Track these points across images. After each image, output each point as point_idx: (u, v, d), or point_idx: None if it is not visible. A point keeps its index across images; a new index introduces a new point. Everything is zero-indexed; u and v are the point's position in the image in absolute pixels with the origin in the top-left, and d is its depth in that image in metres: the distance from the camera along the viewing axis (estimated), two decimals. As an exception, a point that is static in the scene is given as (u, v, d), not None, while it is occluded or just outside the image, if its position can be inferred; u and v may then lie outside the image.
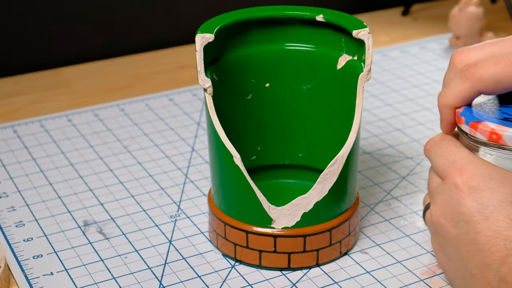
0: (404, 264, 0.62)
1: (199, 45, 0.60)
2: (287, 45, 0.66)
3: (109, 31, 1.01)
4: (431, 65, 0.98)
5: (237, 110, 0.66)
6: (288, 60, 0.66)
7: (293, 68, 0.66)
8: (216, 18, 0.63)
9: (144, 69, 0.98)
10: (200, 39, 0.60)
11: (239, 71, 0.66)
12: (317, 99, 0.66)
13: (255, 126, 0.68)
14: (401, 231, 0.66)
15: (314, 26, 0.65)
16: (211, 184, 0.64)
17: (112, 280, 0.61)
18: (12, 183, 0.74)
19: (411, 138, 0.81)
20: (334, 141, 0.66)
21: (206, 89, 0.60)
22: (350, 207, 0.63)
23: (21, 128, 0.83)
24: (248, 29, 0.65)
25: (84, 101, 0.89)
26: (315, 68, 0.66)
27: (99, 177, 0.74)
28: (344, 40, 0.63)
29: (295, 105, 0.67)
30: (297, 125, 0.68)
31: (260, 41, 0.66)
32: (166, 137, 0.82)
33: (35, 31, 0.97)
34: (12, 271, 0.62)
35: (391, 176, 0.74)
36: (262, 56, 0.66)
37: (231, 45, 0.65)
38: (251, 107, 0.67)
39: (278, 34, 0.66)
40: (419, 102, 0.88)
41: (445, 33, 1.06)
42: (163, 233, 0.66)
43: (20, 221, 0.68)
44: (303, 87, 0.66)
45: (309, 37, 0.65)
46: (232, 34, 0.64)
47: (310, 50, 0.66)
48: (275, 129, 0.68)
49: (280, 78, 0.67)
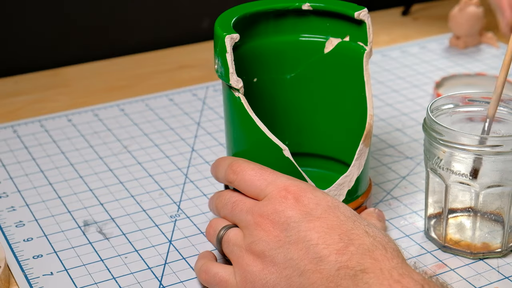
0: (404, 264, 0.62)
1: (229, 47, 0.60)
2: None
3: (109, 31, 1.01)
4: (431, 65, 0.98)
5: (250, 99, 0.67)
6: (276, 52, 0.68)
7: (278, 60, 0.68)
8: (226, 13, 0.65)
9: (144, 69, 0.98)
10: (229, 40, 0.60)
11: (251, 62, 0.67)
12: (316, 86, 0.69)
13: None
14: (401, 231, 0.66)
15: (298, 16, 0.67)
16: None
17: (112, 280, 0.61)
18: (12, 183, 0.74)
19: (411, 138, 0.81)
20: (331, 125, 0.69)
21: (238, 89, 0.61)
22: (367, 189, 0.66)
23: (21, 128, 0.83)
24: (258, 22, 0.67)
25: (84, 101, 0.89)
26: (302, 56, 0.68)
27: (99, 177, 0.74)
28: (329, 24, 0.66)
29: (294, 95, 0.69)
30: (304, 113, 0.70)
31: (269, 33, 0.68)
32: (166, 137, 0.82)
33: (35, 31, 0.97)
34: (12, 271, 0.62)
35: (391, 176, 0.74)
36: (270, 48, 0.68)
37: (242, 37, 0.65)
38: (260, 98, 0.69)
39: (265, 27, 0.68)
40: (419, 102, 0.88)
41: (445, 33, 1.06)
42: (163, 233, 0.66)
43: (20, 221, 0.68)
44: (298, 75, 0.69)
45: (295, 27, 0.68)
46: (246, 26, 0.66)
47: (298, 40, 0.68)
48: (288, 117, 0.70)
49: (274, 70, 0.69)
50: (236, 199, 0.59)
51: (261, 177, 0.58)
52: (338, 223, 0.54)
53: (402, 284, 0.49)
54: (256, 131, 0.61)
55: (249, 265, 0.55)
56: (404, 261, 0.52)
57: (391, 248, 0.53)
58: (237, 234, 0.57)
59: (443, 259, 0.63)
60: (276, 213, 0.55)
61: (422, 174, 0.74)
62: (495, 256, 0.63)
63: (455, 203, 0.63)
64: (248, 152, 0.63)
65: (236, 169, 0.60)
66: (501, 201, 0.62)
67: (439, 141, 0.60)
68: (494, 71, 0.95)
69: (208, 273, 0.58)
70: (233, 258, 0.57)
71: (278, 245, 0.54)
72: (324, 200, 0.56)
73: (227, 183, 0.61)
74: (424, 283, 0.49)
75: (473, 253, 0.63)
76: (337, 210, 0.55)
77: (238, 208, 0.58)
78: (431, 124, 0.61)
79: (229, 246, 0.58)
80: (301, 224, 0.54)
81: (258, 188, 0.58)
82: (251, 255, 0.55)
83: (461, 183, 0.61)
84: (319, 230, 0.53)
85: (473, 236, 0.63)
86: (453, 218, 0.64)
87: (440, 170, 0.62)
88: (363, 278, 0.50)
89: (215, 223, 0.60)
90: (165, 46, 1.04)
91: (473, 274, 0.61)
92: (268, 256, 0.54)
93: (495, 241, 0.63)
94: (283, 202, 0.56)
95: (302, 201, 0.55)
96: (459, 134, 0.59)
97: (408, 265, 0.52)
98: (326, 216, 0.54)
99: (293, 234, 0.54)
